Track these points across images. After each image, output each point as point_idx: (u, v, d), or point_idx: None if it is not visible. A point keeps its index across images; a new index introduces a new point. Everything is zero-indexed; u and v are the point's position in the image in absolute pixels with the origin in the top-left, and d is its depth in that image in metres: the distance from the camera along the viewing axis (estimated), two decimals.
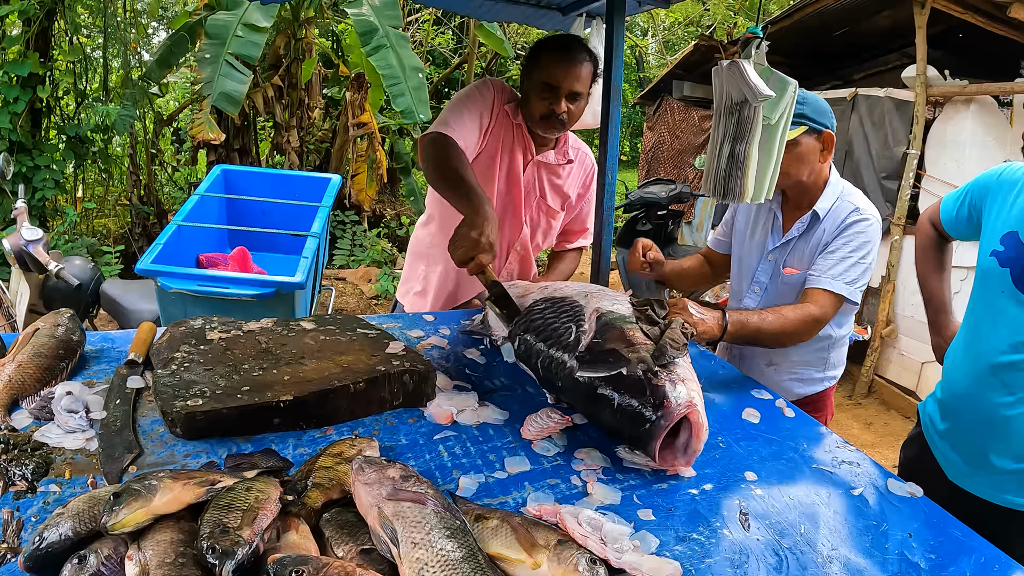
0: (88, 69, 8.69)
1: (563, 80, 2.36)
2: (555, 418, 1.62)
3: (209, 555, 0.92)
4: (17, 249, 3.69)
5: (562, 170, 2.67)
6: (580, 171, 2.74)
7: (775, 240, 2.36)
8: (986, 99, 5.16)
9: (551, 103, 2.38)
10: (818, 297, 2.13)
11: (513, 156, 2.53)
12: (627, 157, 19.99)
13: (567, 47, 2.40)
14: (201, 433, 1.42)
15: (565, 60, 2.36)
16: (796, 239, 2.30)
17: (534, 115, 2.43)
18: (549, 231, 2.77)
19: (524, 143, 2.54)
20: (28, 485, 1.21)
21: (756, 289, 2.41)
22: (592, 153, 2.78)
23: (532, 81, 2.41)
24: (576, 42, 2.47)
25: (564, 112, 2.39)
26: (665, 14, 16.82)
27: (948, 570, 1.21)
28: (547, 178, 2.65)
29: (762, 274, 2.39)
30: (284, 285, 3.68)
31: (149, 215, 8.60)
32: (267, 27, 6.83)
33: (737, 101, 1.78)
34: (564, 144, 2.64)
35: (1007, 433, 1.78)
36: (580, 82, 2.38)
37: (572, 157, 2.67)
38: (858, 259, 2.15)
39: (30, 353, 1.59)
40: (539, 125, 2.45)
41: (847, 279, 2.13)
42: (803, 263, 2.27)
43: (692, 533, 1.25)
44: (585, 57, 2.40)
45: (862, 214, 2.19)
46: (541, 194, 2.65)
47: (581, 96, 2.42)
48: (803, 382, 2.41)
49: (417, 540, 0.96)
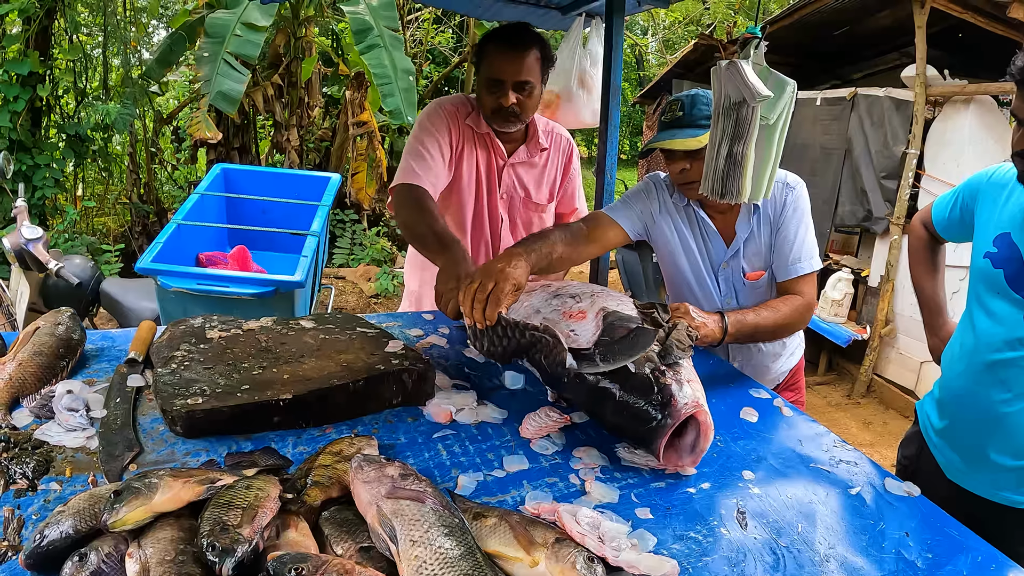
0: (88, 68, 8.69)
1: (508, 72, 2.31)
2: (554, 417, 1.62)
3: (209, 553, 0.93)
4: (17, 248, 3.69)
5: (539, 160, 2.62)
6: (557, 154, 2.67)
7: (720, 250, 2.25)
8: (985, 99, 5.16)
9: (499, 97, 2.33)
10: (800, 287, 2.16)
11: (489, 168, 2.51)
12: (627, 156, 19.98)
13: (509, 38, 2.34)
14: (201, 431, 1.43)
15: (508, 51, 2.31)
16: (742, 247, 2.22)
17: (486, 112, 2.39)
18: (537, 224, 2.71)
19: (494, 150, 2.50)
20: (29, 483, 1.22)
21: (729, 301, 2.30)
22: (566, 131, 2.73)
23: (480, 77, 2.38)
24: (520, 31, 2.39)
25: (514, 104, 2.34)
26: (665, 13, 16.81)
27: (945, 569, 1.22)
28: (527, 175, 2.61)
29: (724, 284, 2.29)
30: (284, 284, 3.68)
31: (149, 214, 8.60)
32: (266, 26, 6.83)
33: (735, 101, 1.78)
34: (535, 135, 2.57)
35: (1005, 430, 1.79)
36: (527, 71, 2.33)
37: (546, 144, 2.61)
38: (807, 228, 2.17)
39: (30, 352, 1.59)
40: (493, 120, 2.41)
41: (810, 254, 2.17)
42: (763, 259, 2.22)
43: (690, 532, 1.26)
44: (530, 45, 2.33)
45: (790, 186, 2.18)
46: (526, 194, 2.62)
47: (531, 85, 2.36)
48: (776, 357, 2.39)
49: (416, 538, 0.97)
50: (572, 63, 3.00)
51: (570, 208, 2.82)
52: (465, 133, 2.46)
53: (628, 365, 1.52)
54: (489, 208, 2.56)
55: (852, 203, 6.06)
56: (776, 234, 2.19)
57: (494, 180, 2.53)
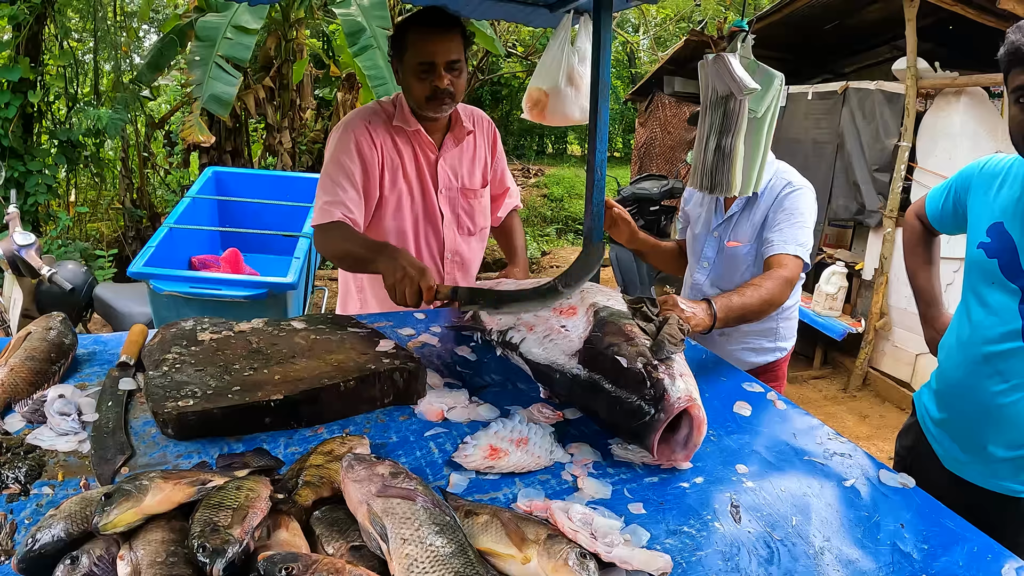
0: (79, 73, 8.65)
1: (439, 54, 2.26)
2: (546, 413, 1.62)
3: (200, 554, 0.93)
4: (10, 254, 3.69)
5: (467, 144, 2.59)
6: (482, 136, 2.65)
7: (718, 217, 2.53)
8: (977, 90, 5.17)
9: (432, 80, 2.28)
10: (781, 260, 2.26)
11: (423, 166, 2.48)
12: (620, 153, 19.99)
13: (432, 20, 2.29)
14: (192, 433, 1.42)
15: (435, 33, 2.27)
16: (737, 215, 2.47)
17: (419, 99, 2.34)
18: (478, 212, 2.66)
19: (424, 146, 2.47)
20: (21, 488, 1.22)
21: (705, 264, 2.58)
22: (485, 113, 2.71)
23: (407, 66, 2.32)
24: (440, 12, 2.34)
25: (449, 84, 2.30)
26: (656, 10, 16.83)
27: (940, 560, 1.22)
28: (459, 163, 2.56)
29: (708, 249, 2.56)
30: (276, 286, 3.68)
31: (142, 218, 8.57)
32: (257, 29, 6.81)
33: (723, 95, 1.79)
34: (458, 119, 2.53)
35: (1002, 421, 1.79)
36: (456, 51, 2.29)
37: (471, 127, 2.57)
38: (802, 224, 2.31)
39: (22, 357, 1.59)
40: (427, 107, 2.35)
41: (799, 241, 2.29)
42: (745, 236, 2.43)
43: (683, 526, 1.26)
44: (455, 24, 2.30)
45: (794, 187, 2.36)
46: (461, 183, 2.57)
47: (460, 64, 2.33)
48: (755, 351, 2.57)
49: (407, 536, 0.96)
50: (560, 60, 2.99)
51: (502, 189, 2.80)
52: (386, 141, 2.41)
53: (620, 360, 1.52)
54: (429, 207, 2.52)
55: (845, 197, 6.07)
56: (764, 221, 2.35)
57: (429, 177, 2.50)
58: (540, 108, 3.10)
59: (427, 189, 2.50)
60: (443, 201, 2.53)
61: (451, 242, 2.58)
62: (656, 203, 7.04)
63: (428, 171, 2.49)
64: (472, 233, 2.65)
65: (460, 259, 2.63)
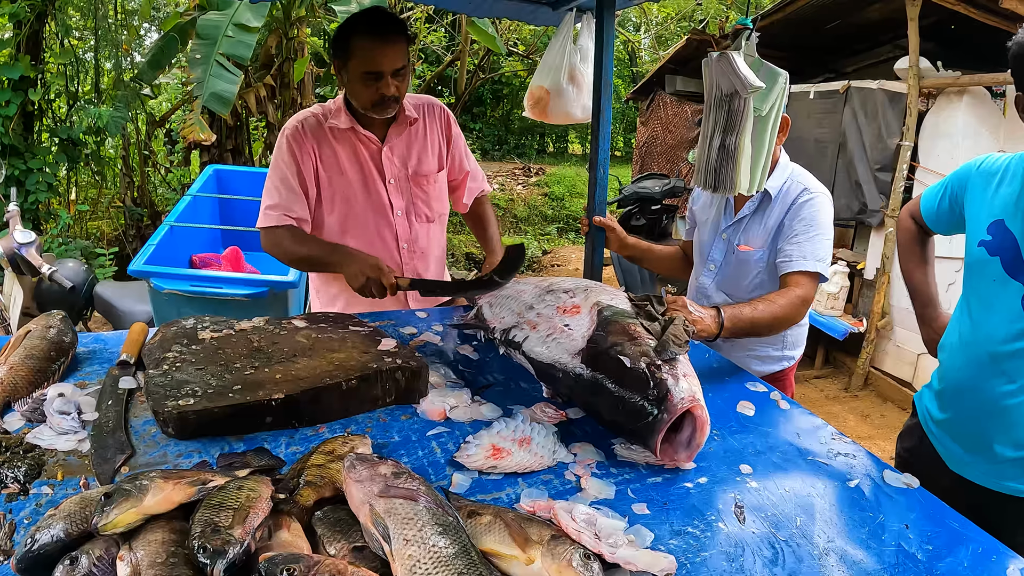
0: (80, 71, 8.64)
1: (385, 63, 2.25)
2: (549, 413, 1.62)
3: (200, 554, 0.92)
4: (10, 252, 3.69)
5: (415, 131, 2.56)
6: (433, 121, 2.62)
7: (728, 219, 2.44)
8: (979, 90, 5.16)
9: (379, 88, 2.28)
10: (798, 279, 2.21)
11: (365, 160, 2.47)
12: (621, 153, 19.97)
13: (375, 29, 2.26)
14: (193, 433, 1.42)
15: (381, 43, 2.25)
16: (748, 217, 2.38)
17: (365, 104, 2.33)
18: (434, 197, 2.64)
19: (364, 141, 2.46)
20: (21, 487, 1.21)
21: (711, 267, 2.50)
22: (437, 100, 2.69)
23: (351, 73, 2.30)
24: (384, 18, 2.30)
25: (395, 91, 2.30)
26: (657, 8, 16.82)
27: (945, 561, 1.21)
28: (407, 150, 2.54)
29: (716, 252, 2.49)
30: (277, 284, 3.67)
31: (143, 217, 8.56)
32: (258, 27, 6.79)
33: (727, 93, 1.78)
34: (400, 112, 2.49)
35: (1009, 421, 1.78)
36: (401, 57, 2.28)
37: (416, 115, 2.54)
38: (820, 236, 2.24)
39: (22, 355, 1.59)
40: (373, 111, 2.35)
41: (817, 256, 2.23)
42: (757, 241, 2.35)
43: (687, 527, 1.25)
44: (395, 30, 2.28)
45: (811, 193, 2.28)
46: (411, 170, 2.55)
47: (405, 69, 2.32)
48: (761, 360, 2.49)
49: (409, 537, 0.96)
50: (562, 59, 2.98)
51: (462, 173, 2.77)
52: (320, 141, 2.42)
53: (623, 360, 1.51)
54: (377, 199, 2.51)
55: (847, 196, 6.06)
56: (780, 231, 2.27)
57: (375, 169, 2.49)
58: (542, 106, 3.09)
59: (372, 181, 2.49)
60: (393, 191, 2.51)
61: (405, 232, 2.56)
62: (657, 202, 7.02)
63: (373, 163, 2.48)
64: (430, 220, 2.63)
65: (417, 248, 2.61)
